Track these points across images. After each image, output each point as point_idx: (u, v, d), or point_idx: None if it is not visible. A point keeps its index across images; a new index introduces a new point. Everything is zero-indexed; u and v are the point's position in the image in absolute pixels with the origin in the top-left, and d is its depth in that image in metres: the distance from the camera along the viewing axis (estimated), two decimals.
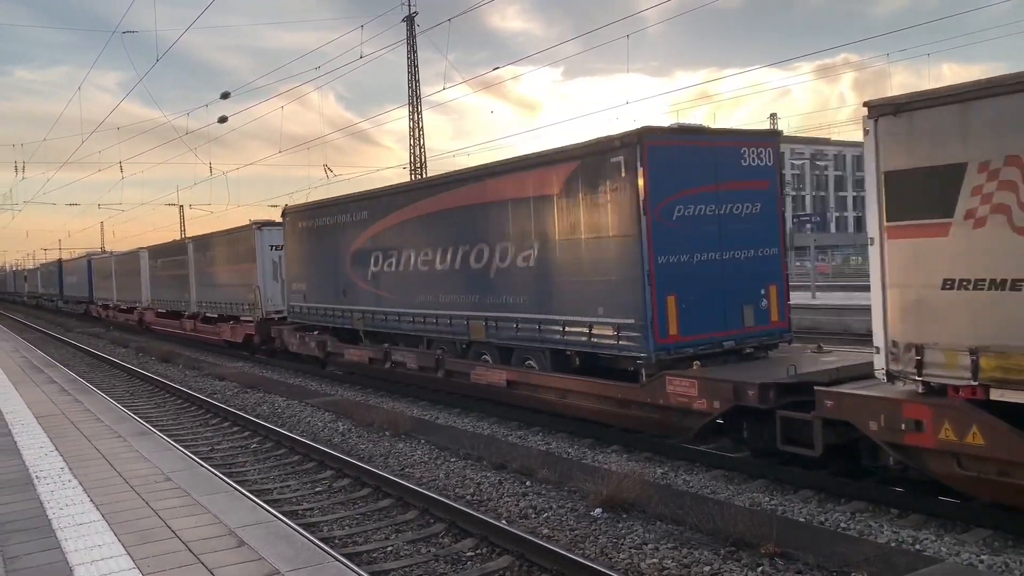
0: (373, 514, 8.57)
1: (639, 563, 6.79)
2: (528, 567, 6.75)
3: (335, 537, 7.73)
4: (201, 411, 15.44)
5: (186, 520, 6.19)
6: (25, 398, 13.16)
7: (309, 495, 9.46)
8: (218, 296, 27.03)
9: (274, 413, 15.02)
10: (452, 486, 9.42)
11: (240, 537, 5.73)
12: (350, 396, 16.76)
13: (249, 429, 13.31)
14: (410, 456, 11.04)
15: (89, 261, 51.40)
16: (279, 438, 12.24)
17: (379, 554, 7.32)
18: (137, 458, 8.47)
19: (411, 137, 45.53)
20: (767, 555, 6.67)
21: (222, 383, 19.34)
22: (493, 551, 7.16)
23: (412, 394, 16.23)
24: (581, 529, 7.69)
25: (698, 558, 6.79)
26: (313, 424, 13.72)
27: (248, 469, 10.81)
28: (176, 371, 22.42)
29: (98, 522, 6.20)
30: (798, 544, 6.83)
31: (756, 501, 8.47)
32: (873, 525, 7.57)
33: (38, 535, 5.92)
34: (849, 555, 6.60)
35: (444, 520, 7.98)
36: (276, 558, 5.29)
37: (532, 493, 8.92)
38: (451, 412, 14.45)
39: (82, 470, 7.95)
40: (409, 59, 44.22)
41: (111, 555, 5.44)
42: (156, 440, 9.54)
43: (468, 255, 13.96)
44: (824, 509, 8.17)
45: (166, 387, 18.51)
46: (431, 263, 14.96)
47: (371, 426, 12.86)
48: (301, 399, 16.23)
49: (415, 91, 44.97)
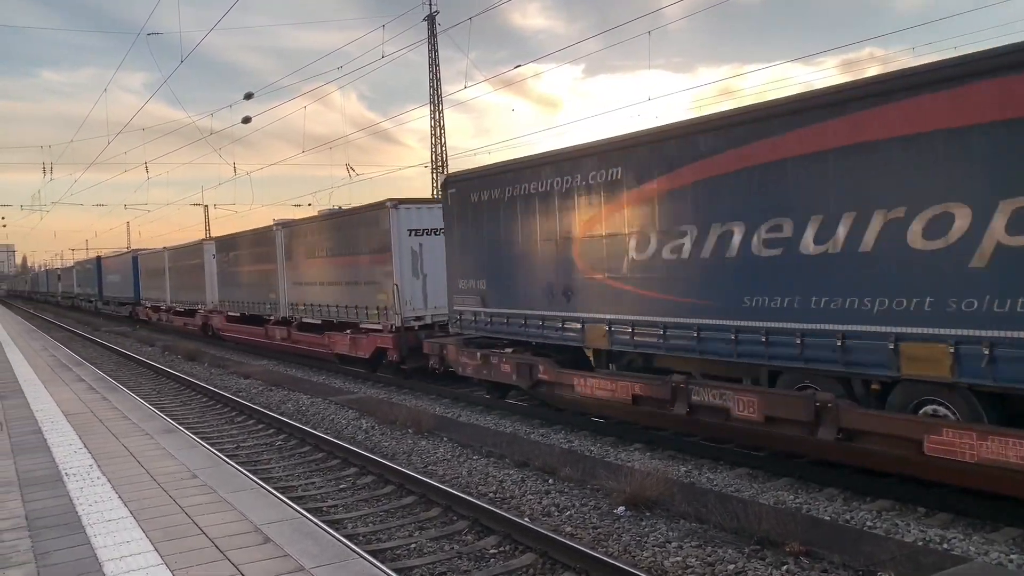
0: (396, 511, 8.61)
1: (662, 561, 6.77)
2: (551, 565, 6.75)
3: (359, 534, 7.78)
4: (227, 409, 15.59)
5: (212, 517, 6.25)
6: (54, 396, 13.35)
7: (333, 492, 9.52)
8: (324, 297, 21.22)
9: (298, 411, 15.13)
10: (475, 483, 9.44)
11: (265, 534, 5.79)
12: (373, 394, 16.86)
13: (274, 427, 13.41)
14: (433, 453, 11.08)
15: (135, 257, 45.34)
16: (303, 435, 12.33)
17: (403, 551, 7.36)
18: (164, 455, 8.57)
19: (432, 136, 45.65)
20: (792, 554, 6.63)
21: (247, 381, 19.51)
22: (516, 549, 7.17)
23: (434, 392, 16.29)
24: (604, 527, 7.68)
25: (722, 556, 6.76)
26: (337, 421, 13.81)
27: (273, 466, 10.90)
28: (202, 369, 22.63)
29: (126, 519, 6.28)
30: (823, 543, 6.78)
31: (780, 499, 8.42)
32: (900, 524, 7.50)
33: (68, 531, 6.01)
34: (875, 554, 6.54)
35: (467, 517, 8.00)
36: (301, 555, 5.33)
37: (555, 491, 8.92)
38: (473, 410, 14.48)
39: (110, 467, 8.05)
40: (430, 58, 44.32)
41: (139, 551, 5.51)
42: (182, 438, 9.64)
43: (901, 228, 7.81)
44: (849, 508, 8.10)
45: (192, 385, 18.70)
46: (791, 243, 8.79)
47: (394, 424, 12.92)
48: (325, 397, 16.34)
49: (436, 90, 45.07)
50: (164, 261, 38.30)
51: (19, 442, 9.47)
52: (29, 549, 5.62)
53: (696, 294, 10.01)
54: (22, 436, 9.83)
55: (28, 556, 5.48)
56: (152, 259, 41.70)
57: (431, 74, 44.70)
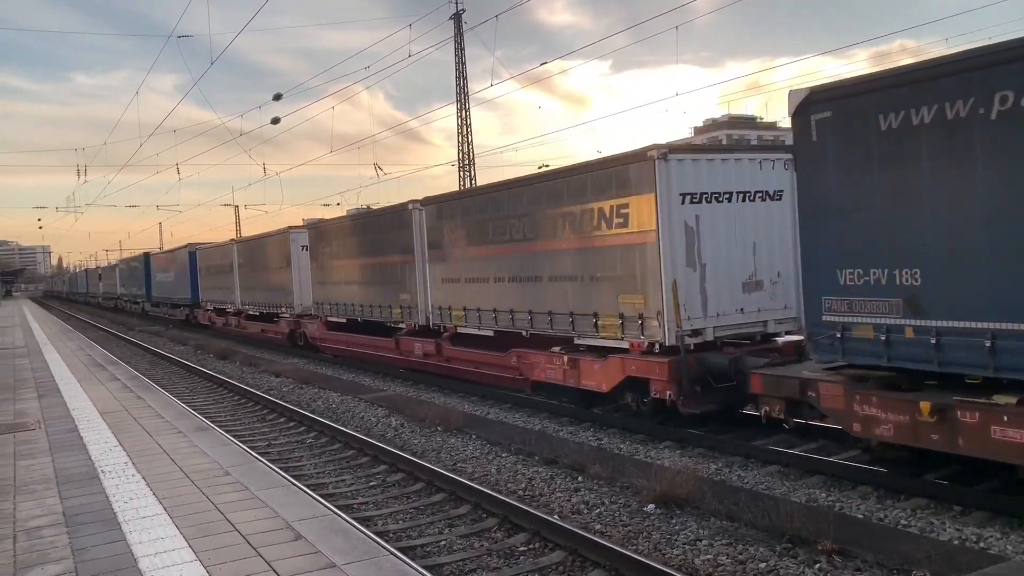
0: (426, 508, 8.64)
1: (693, 559, 6.73)
2: (581, 563, 6.74)
3: (389, 531, 7.82)
4: (258, 407, 15.75)
5: (245, 514, 6.32)
6: (90, 395, 13.58)
7: (364, 489, 9.58)
8: (502, 298, 14.75)
9: (329, 408, 15.24)
10: (504, 481, 9.46)
11: (297, 531, 5.84)
12: (402, 392, 16.93)
13: (305, 424, 13.53)
14: (462, 451, 11.11)
15: (192, 252, 39.10)
16: (334, 433, 12.42)
17: (433, 548, 7.39)
18: (197, 453, 8.68)
19: (459, 134, 45.75)
20: (824, 552, 6.56)
21: (278, 379, 19.69)
22: (546, 546, 7.17)
23: (463, 389, 16.33)
24: (634, 525, 7.66)
25: (753, 554, 6.70)
26: (367, 419, 13.89)
27: (304, 464, 11.00)
28: (233, 368, 22.88)
29: (161, 515, 6.37)
30: (856, 541, 6.70)
31: (813, 497, 8.33)
32: (935, 522, 7.39)
33: (104, 527, 6.11)
34: (910, 553, 6.45)
35: (497, 515, 8.01)
36: (332, 551, 5.37)
37: (584, 489, 8.90)
38: (502, 408, 14.50)
39: (145, 465, 8.17)
40: (457, 57, 44.40)
41: (173, 547, 5.59)
42: (215, 435, 9.75)
43: None
44: (883, 506, 8.00)
45: (224, 384, 18.92)
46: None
47: (423, 421, 12.98)
48: (355, 395, 16.45)
49: (463, 88, 45.14)
50: (232, 256, 32.37)
51: (56, 440, 9.64)
52: (67, 545, 5.72)
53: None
54: (59, 434, 10.01)
55: (66, 552, 5.58)
56: (215, 254, 35.71)
57: (457, 72, 44.79)
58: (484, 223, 15.43)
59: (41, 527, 6.18)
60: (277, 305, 27.22)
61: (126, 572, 5.13)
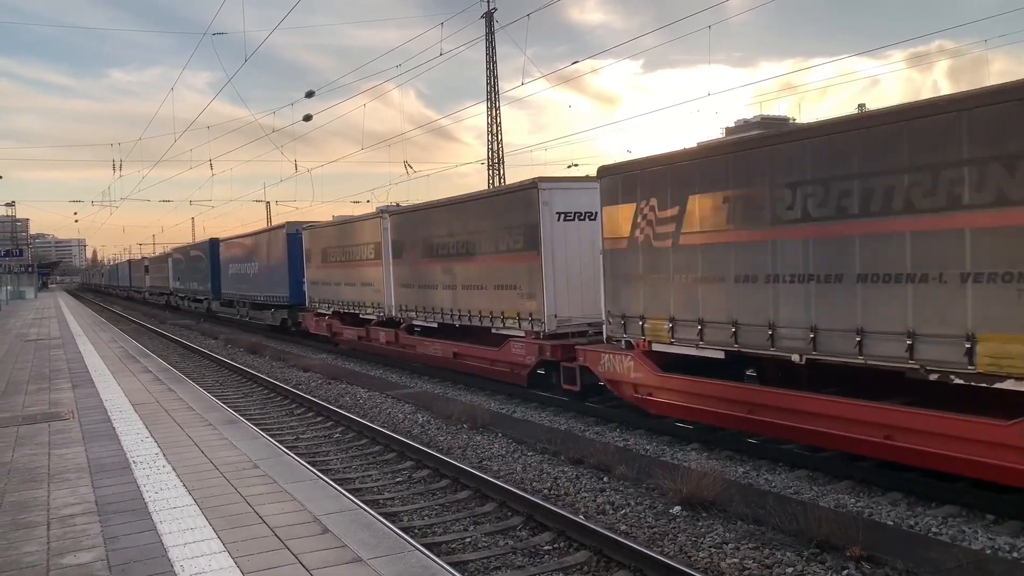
0: (452, 505, 8.67)
1: (719, 562, 6.69)
2: (606, 563, 6.72)
3: (415, 527, 7.86)
4: (287, 401, 15.89)
5: (273, 507, 6.38)
6: (122, 386, 13.78)
7: (390, 485, 9.63)
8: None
9: (356, 404, 15.34)
10: (529, 480, 9.46)
11: (324, 524, 5.88)
12: (429, 389, 17.00)
13: (332, 419, 13.63)
14: (488, 449, 11.13)
15: (293, 233, 28.47)
16: (361, 428, 12.50)
17: (458, 545, 7.41)
18: (226, 445, 8.77)
19: (489, 133, 45.79)
20: (853, 558, 6.49)
21: (307, 374, 19.85)
22: (571, 546, 7.16)
23: (489, 387, 16.35)
24: (660, 527, 7.62)
25: (780, 559, 6.64)
26: (394, 415, 13.96)
27: (331, 458, 11.08)
28: (263, 362, 23.10)
29: (190, 506, 6.45)
30: (886, 548, 6.62)
31: (841, 503, 8.24)
32: (966, 531, 7.27)
33: (135, 517, 6.19)
34: (940, 561, 6.36)
35: (522, 513, 8.02)
36: (358, 545, 5.41)
37: (610, 489, 8.88)
38: (528, 406, 14.50)
39: (175, 456, 8.28)
40: (488, 55, 44.44)
41: (203, 538, 5.65)
42: (244, 428, 9.85)
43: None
44: (913, 513, 7.89)
45: (254, 377, 19.11)
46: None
47: (450, 418, 13.01)
48: (382, 391, 16.54)
49: (493, 87, 45.18)
50: (379, 233, 21.33)
51: (90, 430, 9.80)
52: (99, 533, 5.81)
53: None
54: (92, 424, 10.17)
55: (98, 540, 5.67)
56: (337, 235, 24.74)
57: (488, 71, 44.82)
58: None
59: (74, 515, 6.28)
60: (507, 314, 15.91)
61: (156, 561, 5.20)
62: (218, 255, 40.04)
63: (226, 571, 5.01)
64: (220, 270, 39.83)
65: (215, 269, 40.35)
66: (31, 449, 8.82)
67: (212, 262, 40.55)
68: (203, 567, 5.09)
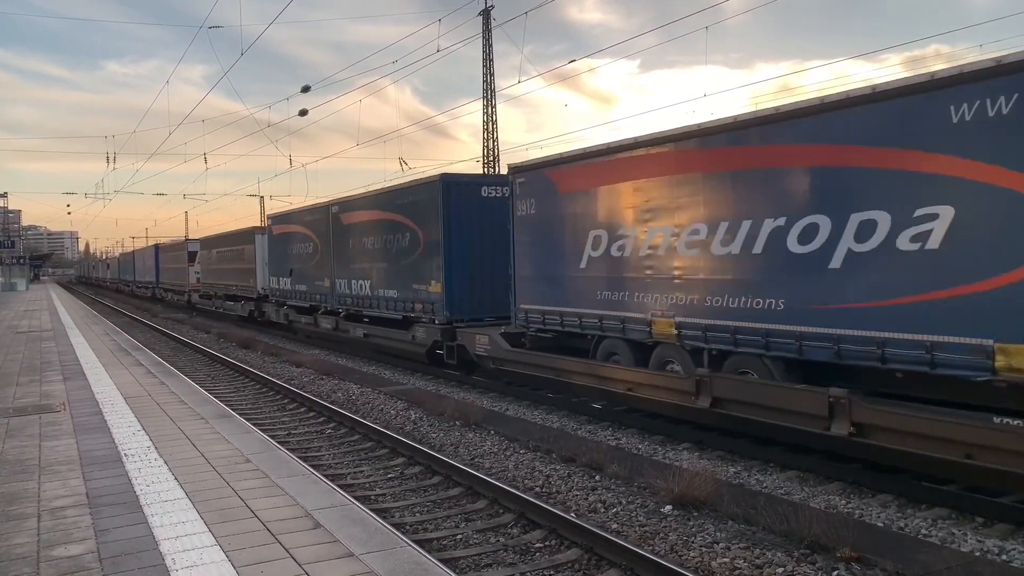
0: (443, 502, 8.67)
1: (710, 562, 6.71)
2: (597, 561, 6.73)
3: (407, 523, 7.86)
4: (279, 396, 15.87)
5: (265, 501, 6.37)
6: (114, 379, 13.73)
7: (381, 481, 9.63)
8: None
9: (348, 400, 15.33)
10: (521, 477, 9.46)
11: (316, 519, 5.88)
12: (422, 386, 17.00)
13: (324, 415, 13.61)
14: (480, 446, 11.14)
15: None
16: (353, 424, 12.49)
17: (449, 541, 7.41)
18: (218, 439, 8.76)
19: (485, 130, 45.75)
20: (843, 559, 6.51)
21: (299, 370, 19.83)
22: (562, 543, 7.17)
23: (482, 385, 16.37)
24: (651, 525, 7.64)
25: (771, 559, 6.67)
26: (386, 412, 13.96)
27: (323, 454, 11.07)
28: (255, 357, 23.06)
29: (182, 500, 6.44)
30: (876, 549, 6.65)
31: (832, 504, 8.27)
32: (956, 533, 7.31)
33: (126, 510, 6.17)
34: (930, 563, 6.39)
35: (513, 511, 8.02)
36: (350, 541, 5.40)
37: (601, 487, 8.89)
38: (521, 404, 14.51)
39: (167, 449, 8.26)
40: (484, 53, 44.39)
41: (194, 532, 5.64)
42: (236, 423, 9.83)
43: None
44: (904, 515, 7.92)
45: (246, 372, 19.07)
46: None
47: (442, 415, 13.01)
48: (374, 387, 16.53)
49: (490, 85, 45.14)
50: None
51: (81, 423, 9.76)
52: (90, 526, 5.79)
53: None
54: (84, 417, 10.14)
55: (89, 532, 5.65)
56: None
57: (485, 68, 44.79)
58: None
59: (65, 507, 6.26)
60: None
61: (147, 555, 5.19)
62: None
63: (218, 565, 5.00)
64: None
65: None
66: (22, 441, 8.79)
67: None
68: (195, 560, 5.08)
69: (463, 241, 17.31)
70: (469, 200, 17.35)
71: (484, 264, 17.05)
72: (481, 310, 17.31)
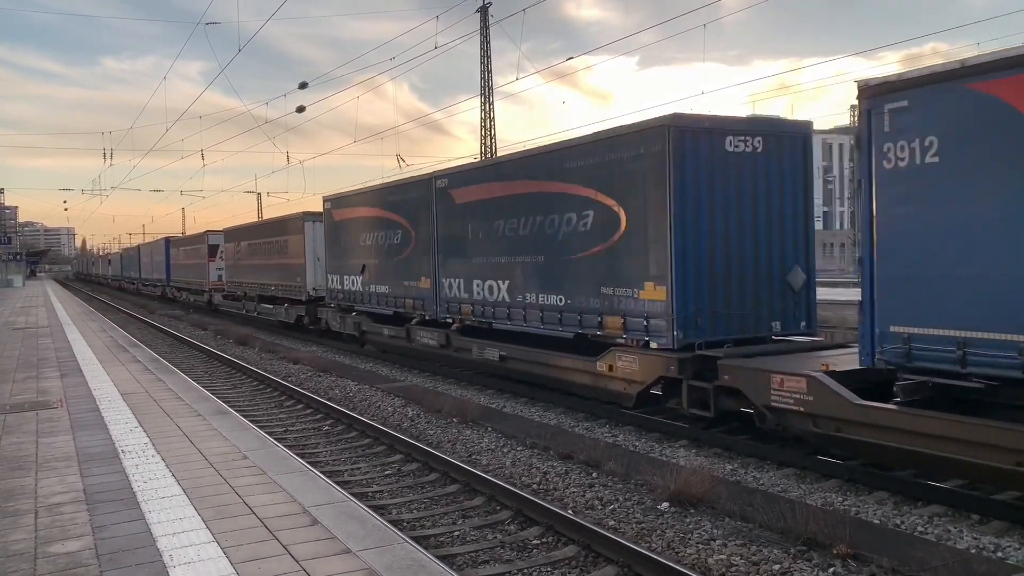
0: (440, 499, 8.68)
1: (706, 559, 6.72)
2: (593, 558, 6.75)
3: (404, 520, 7.87)
4: (276, 393, 15.87)
5: (262, 497, 6.38)
6: (111, 376, 13.72)
7: (379, 478, 9.64)
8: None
9: (346, 397, 15.33)
10: (518, 474, 9.48)
11: (313, 516, 5.88)
12: (419, 383, 16.99)
13: (322, 412, 13.62)
14: (477, 443, 11.14)
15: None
16: (350, 421, 12.50)
17: (446, 538, 7.42)
18: (216, 436, 8.76)
19: (482, 127, 45.75)
20: (839, 556, 6.53)
21: (296, 367, 19.82)
22: (559, 540, 7.18)
23: (480, 382, 16.37)
24: (648, 522, 7.65)
25: (767, 556, 6.68)
26: (383, 409, 13.96)
27: (320, 451, 11.07)
28: (252, 354, 23.04)
29: (179, 496, 6.44)
30: (872, 546, 6.67)
31: (829, 501, 8.29)
32: (952, 530, 7.33)
33: (123, 506, 6.18)
34: (926, 560, 6.41)
35: (510, 508, 8.04)
36: (347, 537, 5.41)
37: (598, 485, 8.91)
38: (518, 401, 14.51)
39: (164, 446, 8.26)
40: (482, 50, 44.38)
41: (191, 528, 5.65)
42: (234, 420, 9.84)
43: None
44: (900, 512, 7.94)
45: (243, 369, 19.07)
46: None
47: (439, 412, 13.02)
48: (372, 384, 16.53)
49: (487, 81, 45.14)
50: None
51: (78, 419, 9.76)
52: (87, 522, 5.79)
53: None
54: (81, 413, 10.13)
55: (86, 529, 5.65)
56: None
57: (483, 65, 44.78)
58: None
59: (62, 504, 6.26)
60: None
61: (145, 551, 5.19)
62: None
63: (215, 561, 5.01)
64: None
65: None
66: (19, 437, 8.79)
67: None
68: (192, 557, 5.08)
69: (700, 221, 11.31)
70: (710, 157, 11.31)
71: (729, 257, 11.49)
72: (721, 327, 11.48)
